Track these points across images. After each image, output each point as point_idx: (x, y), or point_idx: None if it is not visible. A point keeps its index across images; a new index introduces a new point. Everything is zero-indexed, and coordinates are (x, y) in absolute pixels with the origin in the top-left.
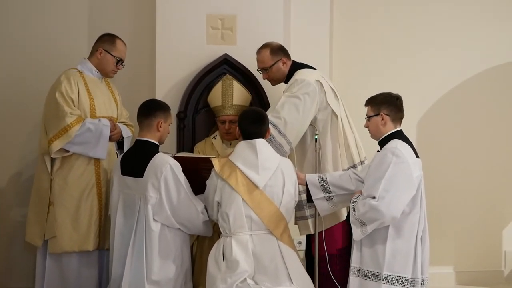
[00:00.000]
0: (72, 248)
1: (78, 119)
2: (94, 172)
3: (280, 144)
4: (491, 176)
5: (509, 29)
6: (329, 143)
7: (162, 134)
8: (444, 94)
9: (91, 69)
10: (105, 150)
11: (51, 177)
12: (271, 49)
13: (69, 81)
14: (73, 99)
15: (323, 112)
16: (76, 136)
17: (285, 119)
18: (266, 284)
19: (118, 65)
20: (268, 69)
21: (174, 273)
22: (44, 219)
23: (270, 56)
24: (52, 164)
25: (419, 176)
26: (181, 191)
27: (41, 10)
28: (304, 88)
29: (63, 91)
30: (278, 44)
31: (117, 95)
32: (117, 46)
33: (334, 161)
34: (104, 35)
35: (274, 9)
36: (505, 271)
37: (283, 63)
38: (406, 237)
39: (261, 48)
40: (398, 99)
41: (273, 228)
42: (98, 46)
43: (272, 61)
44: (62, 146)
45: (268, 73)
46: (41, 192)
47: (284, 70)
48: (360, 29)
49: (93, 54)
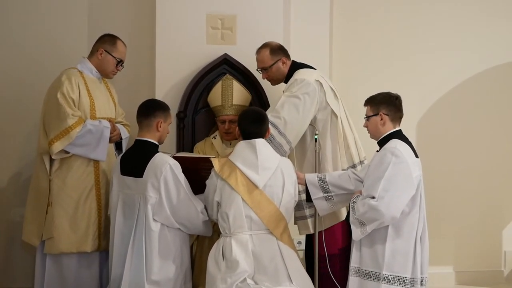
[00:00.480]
0: (70, 249)
1: (79, 120)
2: (93, 173)
3: (280, 144)
4: (491, 176)
5: (509, 29)
6: (329, 143)
7: (162, 134)
8: (444, 94)
9: (91, 69)
10: (105, 152)
11: (49, 177)
12: (271, 49)
13: (71, 82)
14: (74, 99)
15: (322, 112)
16: (77, 137)
17: (284, 119)
18: (266, 284)
19: (118, 66)
20: (267, 69)
21: (174, 273)
22: (42, 219)
23: (269, 56)
24: (51, 164)
25: (419, 176)
26: (180, 191)
27: (40, 9)
28: (304, 88)
29: (64, 91)
30: (278, 44)
31: (115, 94)
32: (118, 47)
33: (333, 161)
34: (105, 35)
35: (274, 9)
36: (505, 271)
37: (282, 63)
38: (406, 237)
39: (261, 48)
40: (397, 99)
41: (273, 228)
42: (98, 46)
43: (272, 60)
44: (63, 148)
45: (268, 73)
46: (39, 192)
47: (283, 70)
48: (360, 29)
49: (94, 54)
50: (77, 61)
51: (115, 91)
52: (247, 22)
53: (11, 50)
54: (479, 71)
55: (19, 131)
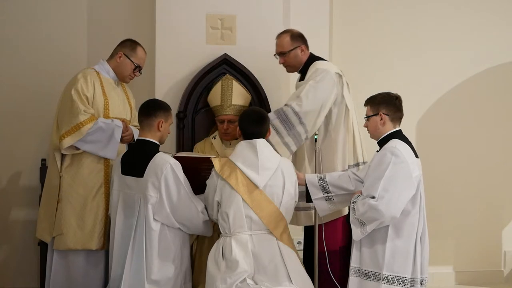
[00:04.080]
0: (76, 246)
1: (91, 117)
2: (103, 171)
3: (299, 133)
4: (491, 176)
5: (509, 29)
6: (341, 137)
7: (163, 134)
8: (444, 94)
9: (108, 71)
10: (115, 150)
11: (60, 174)
12: (292, 35)
13: (86, 80)
14: (88, 97)
15: (338, 106)
16: (88, 134)
17: (307, 107)
18: (266, 284)
19: (135, 72)
20: (285, 54)
21: (174, 272)
22: (53, 216)
23: (290, 41)
24: (62, 161)
25: (418, 175)
26: (181, 190)
27: (40, 10)
28: (326, 78)
29: (79, 88)
30: (299, 32)
31: (132, 99)
32: (138, 53)
33: (342, 156)
34: (127, 40)
35: (274, 9)
36: (505, 271)
37: (301, 51)
38: (406, 237)
39: (282, 33)
40: (397, 98)
41: (272, 228)
42: (119, 50)
43: (291, 46)
44: (73, 143)
45: (285, 58)
46: (50, 189)
47: (301, 58)
48: (360, 30)
49: (113, 57)
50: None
51: (132, 95)
52: (247, 22)
53: (10, 49)
54: (479, 71)
55: (19, 131)
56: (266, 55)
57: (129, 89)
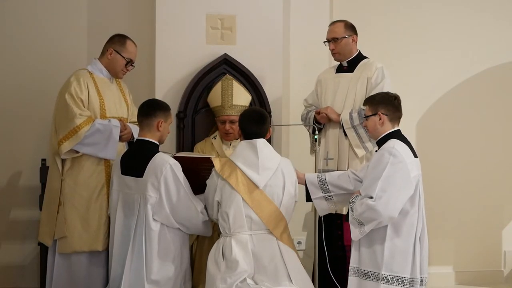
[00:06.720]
0: (82, 248)
1: (88, 120)
2: (104, 172)
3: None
4: (491, 176)
5: (508, 29)
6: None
7: (163, 134)
8: (444, 94)
9: (101, 70)
10: (115, 151)
11: (61, 177)
12: (346, 23)
13: (79, 82)
14: (82, 100)
15: None
16: (86, 137)
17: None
18: (266, 284)
19: (127, 66)
20: (338, 40)
21: (174, 272)
22: (53, 219)
23: (344, 29)
24: (63, 165)
25: (417, 175)
26: (180, 190)
27: (40, 10)
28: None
29: (72, 92)
30: (352, 23)
31: (128, 95)
32: (127, 47)
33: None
34: (115, 35)
35: (274, 9)
36: (505, 271)
37: (352, 40)
38: (405, 237)
39: (336, 21)
40: (396, 98)
41: (272, 228)
42: (108, 46)
43: (344, 33)
44: (71, 147)
45: (336, 45)
46: (51, 192)
47: (351, 48)
48: (360, 30)
49: (104, 54)
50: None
51: (128, 91)
52: (247, 22)
53: (10, 50)
54: (479, 71)
55: (20, 131)
56: (266, 55)
57: (125, 84)
